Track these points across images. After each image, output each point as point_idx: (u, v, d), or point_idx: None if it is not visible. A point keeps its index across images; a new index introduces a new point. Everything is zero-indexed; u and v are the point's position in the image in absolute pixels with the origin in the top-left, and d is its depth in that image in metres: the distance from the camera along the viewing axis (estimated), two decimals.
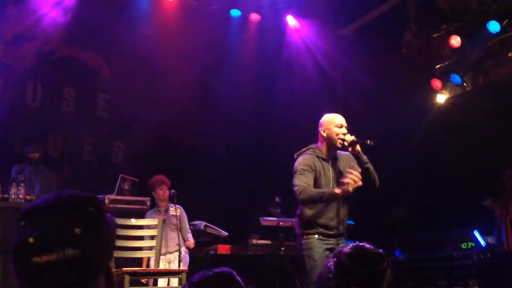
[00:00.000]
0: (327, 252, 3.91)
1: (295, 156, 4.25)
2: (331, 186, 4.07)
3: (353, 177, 3.81)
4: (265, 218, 6.56)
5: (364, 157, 4.08)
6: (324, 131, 4.18)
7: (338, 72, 8.90)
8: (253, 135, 8.36)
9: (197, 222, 6.45)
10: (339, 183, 4.05)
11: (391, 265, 2.06)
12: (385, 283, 2.00)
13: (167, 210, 6.11)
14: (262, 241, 6.48)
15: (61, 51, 7.62)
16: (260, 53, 8.49)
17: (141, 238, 5.09)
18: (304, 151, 4.24)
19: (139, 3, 7.78)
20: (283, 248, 6.28)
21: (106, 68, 7.97)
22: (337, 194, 3.85)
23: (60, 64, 7.58)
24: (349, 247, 2.11)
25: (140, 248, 5.10)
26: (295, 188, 3.99)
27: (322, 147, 4.20)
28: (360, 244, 2.13)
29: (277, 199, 7.36)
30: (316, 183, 4.07)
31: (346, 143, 4.05)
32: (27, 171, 6.23)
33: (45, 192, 6.10)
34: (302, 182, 3.98)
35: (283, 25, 8.60)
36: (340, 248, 2.15)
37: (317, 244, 3.97)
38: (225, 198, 7.66)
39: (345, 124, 4.15)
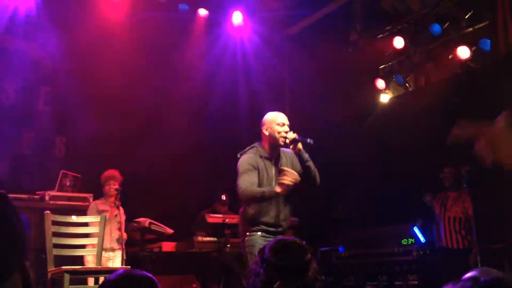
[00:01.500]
0: None
1: (238, 156, 4.28)
2: (273, 184, 4.13)
3: (290, 177, 3.92)
4: (211, 215, 6.53)
5: (305, 155, 4.18)
6: (266, 130, 4.24)
7: (285, 70, 8.96)
8: (200, 131, 8.30)
9: (141, 219, 6.33)
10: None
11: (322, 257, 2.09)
12: (310, 274, 2.02)
13: (118, 207, 5.97)
14: (208, 238, 6.44)
15: (1, 42, 7.29)
16: (207, 50, 8.42)
17: (85, 235, 4.96)
18: (247, 150, 4.28)
19: None
20: (228, 245, 6.27)
21: (48, 60, 7.68)
22: (277, 192, 3.93)
23: (0, 55, 7.26)
24: (272, 241, 2.13)
25: (81, 246, 4.97)
26: (239, 188, 4.05)
27: (264, 145, 4.26)
28: (283, 238, 2.15)
29: (223, 197, 7.33)
30: (259, 182, 4.12)
31: (287, 141, 4.13)
32: None
33: None
34: (246, 182, 4.05)
35: (230, 21, 8.56)
36: (264, 244, 2.17)
37: (259, 241, 4.00)
38: (171, 195, 7.57)
39: (287, 122, 4.22)
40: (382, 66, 8.16)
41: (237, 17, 8.45)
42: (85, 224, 5.18)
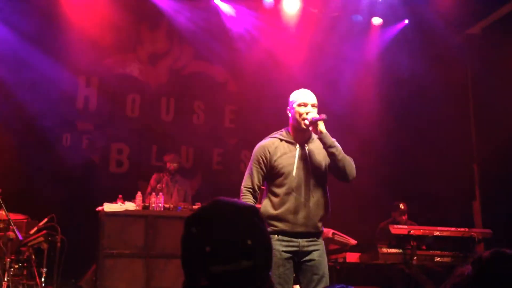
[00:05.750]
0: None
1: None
2: (293, 173, 3.53)
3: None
4: (395, 226, 6.39)
5: (329, 140, 3.52)
6: (289, 111, 3.70)
7: (467, 73, 8.47)
8: (381, 137, 8.19)
9: (325, 230, 6.43)
10: (304, 172, 3.58)
11: None
12: None
13: None
14: (393, 250, 6.30)
15: (190, 67, 8.06)
16: (384, 57, 8.34)
17: None
18: (270, 136, 3.73)
19: (257, 19, 8.01)
20: (415, 257, 6.07)
21: (232, 81, 8.27)
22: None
23: (190, 79, 8.03)
24: (487, 254, 2.05)
25: None
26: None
27: (290, 130, 3.68)
28: (497, 249, 2.07)
29: (401, 206, 7.14)
30: (276, 167, 3.55)
31: (307, 123, 3.54)
32: (165, 180, 6.65)
33: (181, 200, 6.47)
34: (245, 186, 3.69)
35: (406, 27, 8.38)
36: (477, 256, 2.09)
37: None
38: (352, 204, 7.58)
39: (311, 102, 3.62)
40: None
41: (408, 22, 8.29)
42: None
